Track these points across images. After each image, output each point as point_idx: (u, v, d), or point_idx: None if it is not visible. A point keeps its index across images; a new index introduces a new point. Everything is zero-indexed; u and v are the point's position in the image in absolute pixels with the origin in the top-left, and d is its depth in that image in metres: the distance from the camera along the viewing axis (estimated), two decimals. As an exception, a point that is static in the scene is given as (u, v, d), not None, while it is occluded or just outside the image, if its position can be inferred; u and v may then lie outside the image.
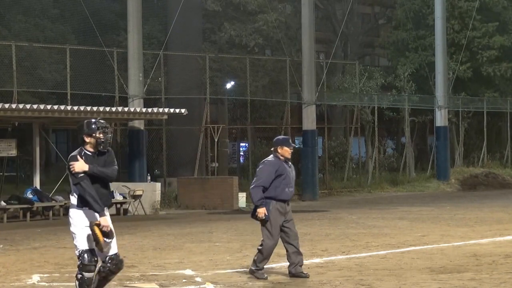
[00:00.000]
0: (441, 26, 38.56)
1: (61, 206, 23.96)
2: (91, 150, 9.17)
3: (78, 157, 9.03)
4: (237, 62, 35.95)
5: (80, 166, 8.98)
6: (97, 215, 9.01)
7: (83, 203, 9.06)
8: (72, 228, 9.17)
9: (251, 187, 11.73)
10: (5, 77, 27.38)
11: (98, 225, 8.98)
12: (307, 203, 30.56)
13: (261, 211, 11.54)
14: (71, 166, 9.01)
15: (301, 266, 11.74)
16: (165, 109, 26.04)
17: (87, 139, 9.14)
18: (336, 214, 24.66)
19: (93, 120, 9.24)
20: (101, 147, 9.15)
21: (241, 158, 43.50)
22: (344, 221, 22.06)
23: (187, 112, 25.58)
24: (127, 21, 27.69)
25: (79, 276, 9.08)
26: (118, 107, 25.26)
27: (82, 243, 9.09)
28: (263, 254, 11.63)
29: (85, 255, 9.04)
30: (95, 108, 23.70)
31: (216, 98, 36.61)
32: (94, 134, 9.13)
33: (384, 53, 50.97)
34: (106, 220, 9.05)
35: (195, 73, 33.83)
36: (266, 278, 11.58)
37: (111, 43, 31.43)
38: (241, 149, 44.53)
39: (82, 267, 9.05)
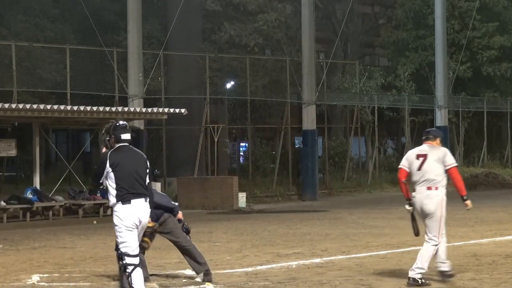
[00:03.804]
0: (441, 26, 38.53)
1: (61, 206, 23.93)
2: None
3: None
4: (237, 62, 35.91)
5: None
6: None
7: None
8: None
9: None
10: (5, 77, 27.34)
11: None
12: (307, 203, 30.56)
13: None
14: None
15: None
16: (165, 109, 26.01)
17: None
18: (336, 214, 24.64)
19: None
20: None
21: (241, 158, 43.49)
22: (344, 221, 22.05)
23: (187, 112, 25.56)
24: (127, 21, 27.68)
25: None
26: (118, 107, 25.23)
27: None
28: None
29: None
30: (95, 108, 23.68)
31: (216, 98, 36.56)
32: None
33: (384, 53, 50.92)
34: None
35: (195, 73, 33.79)
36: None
37: (111, 43, 31.39)
38: (241, 149, 44.50)
39: None
